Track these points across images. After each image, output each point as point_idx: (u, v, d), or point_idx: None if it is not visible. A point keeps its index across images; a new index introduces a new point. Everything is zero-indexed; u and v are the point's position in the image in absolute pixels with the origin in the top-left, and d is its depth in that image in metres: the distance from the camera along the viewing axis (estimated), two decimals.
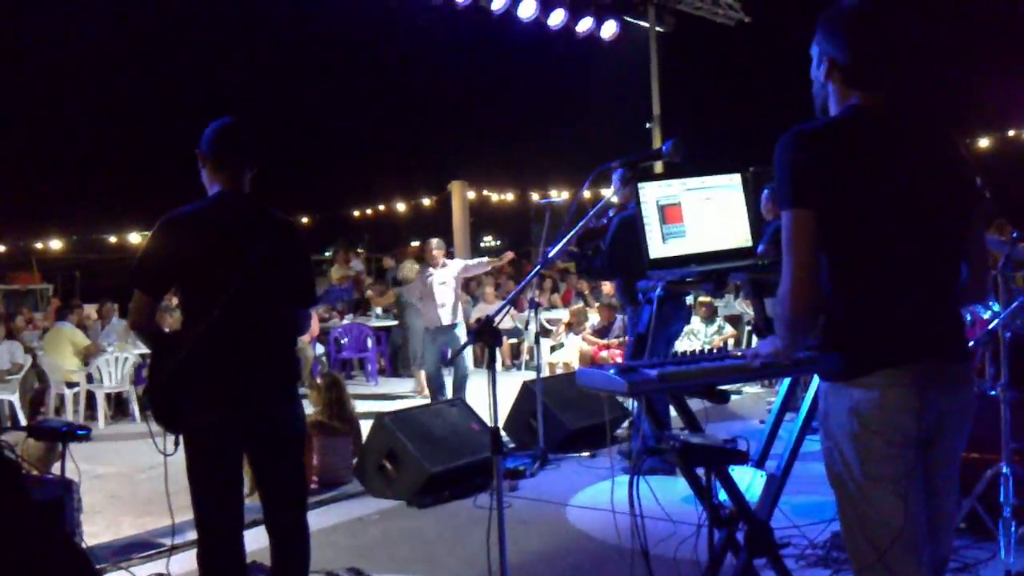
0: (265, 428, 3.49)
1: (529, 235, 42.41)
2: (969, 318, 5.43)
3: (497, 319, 3.23)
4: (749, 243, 3.63)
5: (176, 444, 3.49)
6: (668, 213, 3.54)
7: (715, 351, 3.04)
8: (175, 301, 9.61)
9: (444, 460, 6.16)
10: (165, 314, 9.96)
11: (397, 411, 6.57)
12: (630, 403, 8.11)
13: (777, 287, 2.44)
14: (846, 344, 2.49)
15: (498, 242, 44.06)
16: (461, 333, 9.28)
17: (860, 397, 2.42)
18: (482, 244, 40.30)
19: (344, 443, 6.76)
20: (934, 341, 2.48)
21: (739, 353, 2.92)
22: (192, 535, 3.60)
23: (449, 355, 9.41)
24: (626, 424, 7.81)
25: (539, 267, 3.26)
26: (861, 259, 2.46)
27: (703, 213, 3.60)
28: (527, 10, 9.79)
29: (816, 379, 3.26)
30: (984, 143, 17.64)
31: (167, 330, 3.88)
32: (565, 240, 3.21)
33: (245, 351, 3.42)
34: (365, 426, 6.72)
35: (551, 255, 3.22)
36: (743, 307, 12.29)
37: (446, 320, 9.19)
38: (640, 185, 3.43)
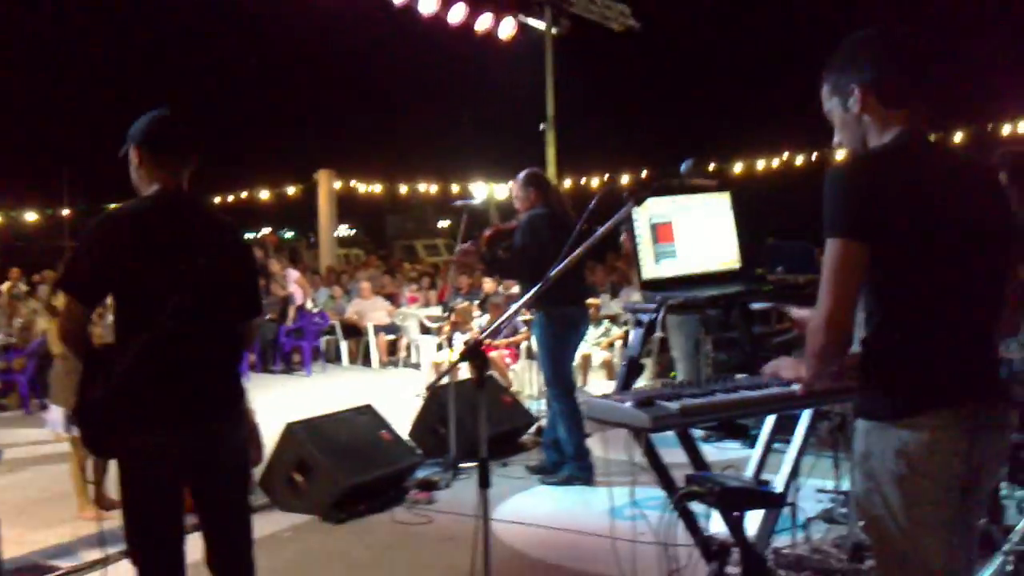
0: (210, 453, 3.13)
1: (385, 227, 41.89)
2: None
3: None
4: (737, 264, 3.57)
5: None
6: (660, 232, 3.42)
7: (725, 380, 2.93)
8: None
9: (358, 472, 5.84)
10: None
11: (306, 419, 6.19)
12: (534, 409, 8.03)
13: (765, 313, 2.35)
14: (894, 382, 2.41)
15: (353, 231, 43.26)
16: None
17: (909, 438, 2.34)
18: (335, 233, 39.38)
19: None
20: (980, 382, 2.44)
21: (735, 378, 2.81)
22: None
23: None
24: (532, 430, 7.70)
25: (541, 285, 3.02)
26: (914, 294, 2.38)
27: (693, 233, 3.49)
28: (428, 7, 9.65)
29: (806, 411, 3.21)
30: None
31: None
32: (576, 253, 2.96)
33: (189, 367, 3.06)
34: None
35: (553, 273, 2.99)
36: (618, 307, 12.34)
37: None
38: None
